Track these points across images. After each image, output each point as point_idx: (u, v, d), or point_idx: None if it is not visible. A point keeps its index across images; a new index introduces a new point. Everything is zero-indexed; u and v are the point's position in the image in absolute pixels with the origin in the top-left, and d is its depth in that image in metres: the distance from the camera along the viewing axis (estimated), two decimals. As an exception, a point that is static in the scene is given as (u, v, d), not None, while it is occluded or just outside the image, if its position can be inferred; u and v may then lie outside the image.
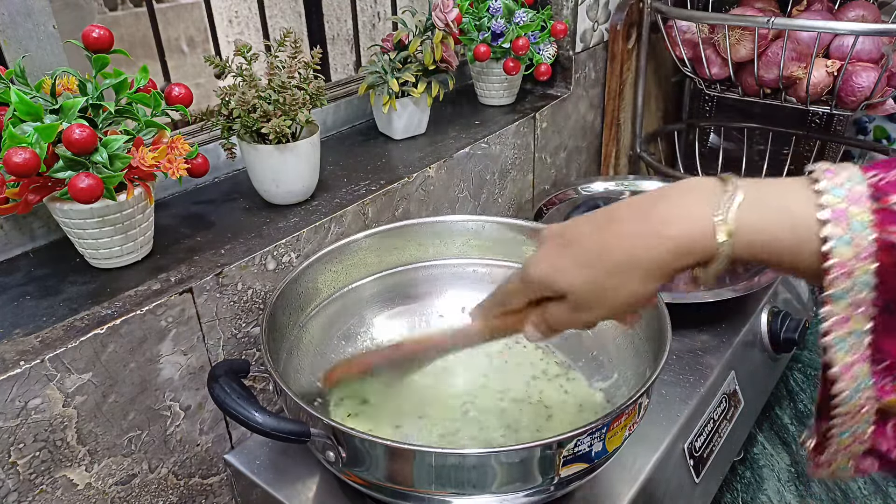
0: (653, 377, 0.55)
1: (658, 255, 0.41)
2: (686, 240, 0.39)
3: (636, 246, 0.41)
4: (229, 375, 0.56)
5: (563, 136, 1.20)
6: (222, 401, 0.54)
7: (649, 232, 0.41)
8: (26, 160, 0.54)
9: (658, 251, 0.40)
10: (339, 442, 0.53)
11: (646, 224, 0.41)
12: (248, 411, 0.53)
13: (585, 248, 0.44)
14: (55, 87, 0.61)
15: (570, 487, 0.58)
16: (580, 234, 0.44)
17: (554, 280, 0.45)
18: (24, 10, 0.66)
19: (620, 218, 0.43)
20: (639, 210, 0.42)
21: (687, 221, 0.39)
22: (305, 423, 0.53)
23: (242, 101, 0.73)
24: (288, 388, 0.54)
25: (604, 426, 0.52)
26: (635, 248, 0.41)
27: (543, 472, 0.52)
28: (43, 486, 0.59)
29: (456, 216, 0.81)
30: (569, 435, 0.50)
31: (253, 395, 0.56)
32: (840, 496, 0.99)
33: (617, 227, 0.43)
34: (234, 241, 0.73)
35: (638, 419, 0.57)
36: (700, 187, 0.40)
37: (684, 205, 0.40)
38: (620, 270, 0.42)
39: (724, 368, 0.85)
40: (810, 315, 1.08)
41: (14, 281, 0.66)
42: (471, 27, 1.04)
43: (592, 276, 0.43)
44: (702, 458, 0.80)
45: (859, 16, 1.11)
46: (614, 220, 0.43)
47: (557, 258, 0.45)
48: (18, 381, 0.55)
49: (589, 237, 0.44)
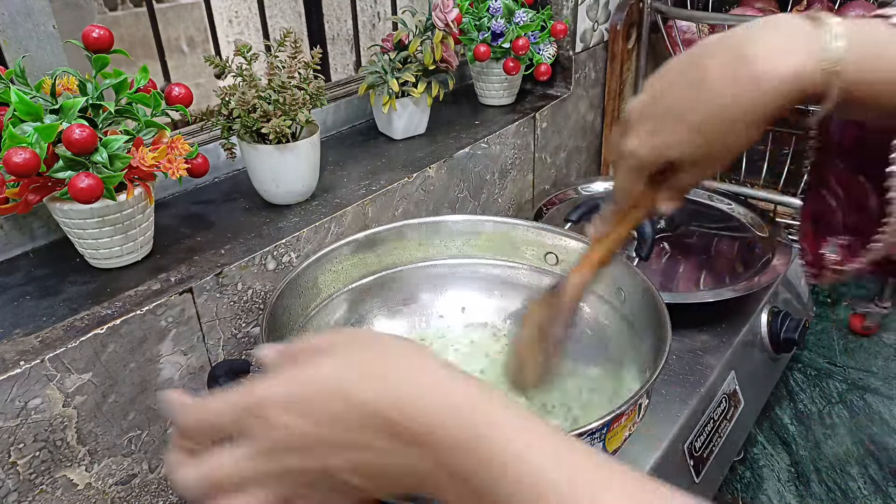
0: (653, 378, 0.55)
1: (769, 98, 0.40)
2: (792, 77, 0.39)
3: (741, 95, 0.40)
4: (229, 376, 0.56)
5: (563, 136, 1.20)
6: None
7: (752, 76, 0.39)
8: (26, 160, 0.54)
9: (768, 93, 0.39)
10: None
11: (745, 69, 0.40)
12: None
13: (689, 113, 0.42)
14: (55, 87, 0.61)
15: None
16: (676, 100, 0.43)
17: (668, 152, 0.44)
18: (24, 10, 0.66)
19: (712, 71, 0.41)
20: (730, 57, 0.41)
21: (791, 57, 0.39)
22: None
23: (242, 101, 0.73)
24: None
25: (604, 426, 0.52)
26: (741, 97, 0.40)
27: None
28: (43, 486, 0.59)
29: (456, 216, 0.81)
30: (571, 434, 0.50)
31: None
32: (840, 496, 0.99)
33: (715, 83, 0.41)
34: (234, 241, 0.73)
35: (638, 420, 0.57)
36: (788, 24, 0.40)
37: (780, 42, 0.39)
38: (733, 122, 0.41)
39: (724, 368, 0.85)
40: (810, 315, 1.08)
41: (14, 281, 0.66)
42: (471, 27, 1.04)
43: (707, 138, 0.42)
44: (702, 458, 0.80)
45: (859, 15, 1.11)
46: (706, 77, 0.41)
47: (663, 133, 0.44)
48: (18, 381, 0.55)
49: (688, 101, 0.42)
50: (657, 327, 0.62)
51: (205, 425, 0.35)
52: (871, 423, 1.33)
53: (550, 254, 0.78)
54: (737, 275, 0.96)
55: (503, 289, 0.81)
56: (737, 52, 0.40)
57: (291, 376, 0.33)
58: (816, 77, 0.39)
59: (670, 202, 0.49)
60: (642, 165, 0.46)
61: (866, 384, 1.45)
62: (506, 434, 0.30)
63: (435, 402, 0.31)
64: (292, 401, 0.33)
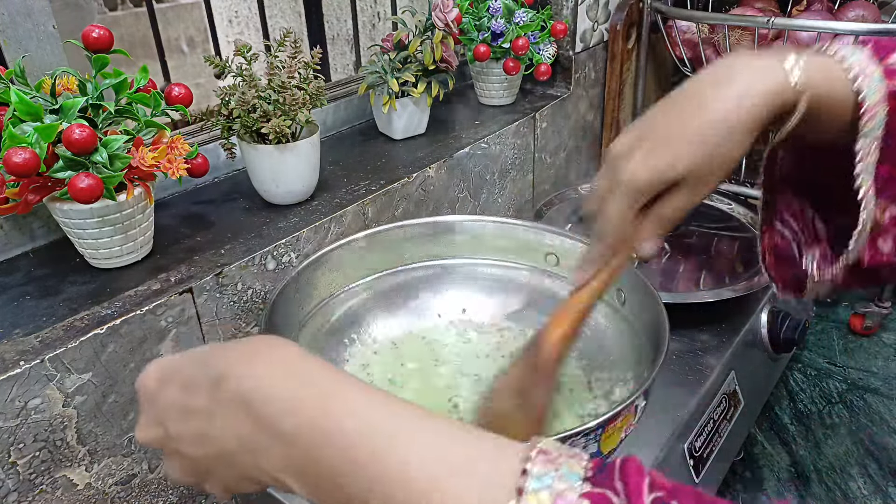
0: (649, 380, 0.55)
1: (756, 110, 0.45)
2: (774, 90, 0.44)
3: (732, 109, 0.45)
4: None
5: (563, 136, 1.20)
6: None
7: (739, 94, 0.45)
8: (26, 160, 0.54)
9: (755, 106, 0.44)
10: None
11: (731, 88, 0.45)
12: None
13: (687, 128, 0.45)
14: (55, 87, 0.61)
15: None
16: (668, 123, 0.47)
17: (671, 170, 0.46)
18: (24, 10, 0.66)
19: (705, 92, 0.46)
20: (717, 82, 0.46)
21: (771, 78, 0.45)
22: None
23: (242, 101, 0.73)
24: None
25: (599, 427, 0.52)
26: (732, 111, 0.45)
27: None
28: (43, 486, 0.59)
29: (455, 216, 0.81)
30: (563, 436, 0.50)
31: None
32: (840, 496, 0.99)
33: (708, 99, 0.45)
34: (234, 241, 0.73)
35: (634, 422, 0.57)
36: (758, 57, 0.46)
37: (760, 69, 0.45)
38: (730, 130, 0.45)
39: (724, 368, 0.85)
40: (810, 315, 1.09)
41: (14, 281, 0.66)
42: (471, 27, 1.04)
43: (708, 150, 0.45)
44: (702, 458, 0.80)
45: (859, 16, 1.12)
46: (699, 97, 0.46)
47: (661, 152, 0.46)
48: (18, 381, 0.55)
49: (685, 118, 0.46)
50: (656, 329, 0.62)
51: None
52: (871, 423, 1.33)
53: (551, 255, 0.78)
54: (737, 275, 0.96)
55: (502, 289, 0.81)
56: (725, 73, 0.46)
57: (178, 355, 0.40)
58: (789, 93, 0.45)
59: (654, 238, 0.50)
60: (640, 190, 0.47)
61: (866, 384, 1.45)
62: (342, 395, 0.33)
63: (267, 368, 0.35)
64: (164, 370, 0.39)
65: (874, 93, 0.45)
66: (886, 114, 0.45)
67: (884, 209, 0.48)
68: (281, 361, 0.35)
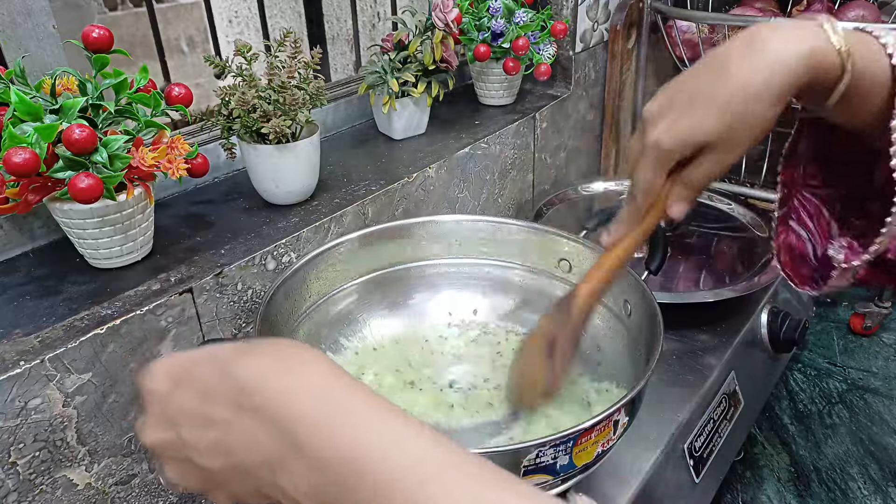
0: (626, 398, 0.53)
1: (789, 72, 0.43)
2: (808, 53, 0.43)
3: (760, 75, 0.43)
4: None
5: (563, 136, 1.20)
6: None
7: (771, 54, 0.43)
8: (26, 160, 0.54)
9: (788, 67, 0.43)
10: None
11: (764, 49, 0.43)
12: None
13: (715, 94, 0.45)
14: (55, 87, 0.61)
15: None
16: (697, 88, 0.46)
17: (695, 135, 0.46)
18: (24, 10, 0.66)
19: (734, 57, 0.44)
20: (749, 42, 0.44)
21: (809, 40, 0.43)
22: None
23: (242, 101, 0.73)
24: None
25: (569, 439, 0.50)
26: (759, 76, 0.43)
27: None
28: (43, 486, 0.59)
29: (454, 216, 0.81)
30: (527, 445, 0.49)
31: None
32: (840, 496, 0.99)
33: (737, 66, 0.44)
34: (234, 241, 0.73)
35: (613, 437, 0.55)
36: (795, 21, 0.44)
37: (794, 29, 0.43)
38: (757, 97, 0.44)
39: (723, 368, 0.85)
40: (810, 315, 1.09)
41: (14, 281, 0.66)
42: (471, 27, 1.04)
43: (734, 116, 0.44)
44: (702, 458, 0.80)
45: (859, 16, 1.12)
46: (727, 62, 0.44)
47: (688, 117, 0.46)
48: (18, 381, 0.55)
49: (713, 84, 0.45)
50: (651, 330, 0.61)
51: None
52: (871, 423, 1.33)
53: (564, 260, 0.78)
54: (737, 275, 0.96)
55: (502, 289, 0.81)
56: (755, 38, 0.44)
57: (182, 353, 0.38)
58: (831, 56, 0.43)
59: (683, 201, 0.50)
60: (669, 154, 0.47)
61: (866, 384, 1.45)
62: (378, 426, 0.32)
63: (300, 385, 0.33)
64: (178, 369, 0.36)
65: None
66: None
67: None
68: (314, 379, 0.33)
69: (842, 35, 0.43)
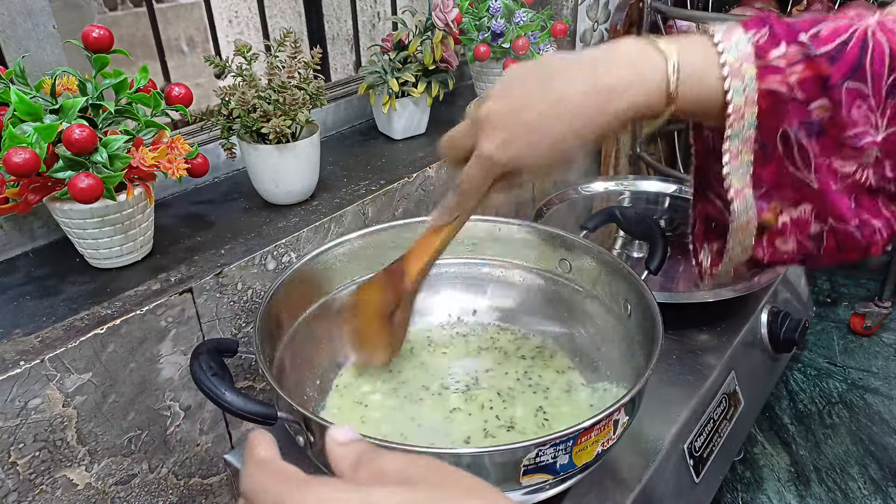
0: (626, 397, 0.53)
1: (619, 121, 0.46)
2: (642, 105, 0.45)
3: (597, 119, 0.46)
4: (211, 354, 0.56)
5: (563, 136, 1.20)
6: (198, 377, 0.54)
7: (607, 105, 0.46)
8: (26, 160, 0.54)
9: (619, 118, 0.46)
10: (308, 427, 0.53)
11: (601, 98, 0.46)
12: (219, 389, 0.53)
13: (549, 132, 0.47)
14: (55, 87, 0.61)
15: (542, 496, 0.56)
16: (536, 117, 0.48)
17: (526, 161, 0.49)
18: (24, 10, 0.66)
19: (571, 97, 0.47)
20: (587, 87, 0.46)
21: (637, 86, 0.45)
22: (273, 405, 0.54)
23: (242, 101, 0.73)
24: (266, 369, 0.55)
25: (569, 439, 0.51)
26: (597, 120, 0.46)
27: (504, 479, 0.51)
28: (43, 486, 0.59)
29: None
30: (528, 444, 0.49)
31: (230, 375, 0.55)
32: (840, 496, 0.99)
33: (573, 109, 0.46)
34: (234, 241, 0.73)
35: (613, 436, 0.55)
36: (634, 51, 0.46)
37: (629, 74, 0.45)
38: (585, 140, 0.47)
39: (723, 368, 0.85)
40: (810, 315, 1.09)
41: (14, 281, 0.66)
42: (471, 27, 1.04)
43: (561, 154, 0.48)
44: (702, 458, 0.80)
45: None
46: (564, 101, 0.47)
47: (522, 145, 0.48)
48: (18, 381, 0.55)
49: (548, 121, 0.47)
50: (650, 329, 0.61)
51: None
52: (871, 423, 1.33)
53: (564, 260, 0.78)
54: (738, 274, 0.96)
55: (502, 289, 0.81)
56: (592, 81, 0.46)
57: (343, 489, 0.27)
58: (660, 104, 0.45)
59: (504, 193, 0.56)
60: (501, 167, 0.51)
61: (866, 384, 1.46)
62: None
63: None
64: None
65: (741, 94, 0.44)
66: (757, 116, 0.44)
67: (777, 212, 0.48)
68: None
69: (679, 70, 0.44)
